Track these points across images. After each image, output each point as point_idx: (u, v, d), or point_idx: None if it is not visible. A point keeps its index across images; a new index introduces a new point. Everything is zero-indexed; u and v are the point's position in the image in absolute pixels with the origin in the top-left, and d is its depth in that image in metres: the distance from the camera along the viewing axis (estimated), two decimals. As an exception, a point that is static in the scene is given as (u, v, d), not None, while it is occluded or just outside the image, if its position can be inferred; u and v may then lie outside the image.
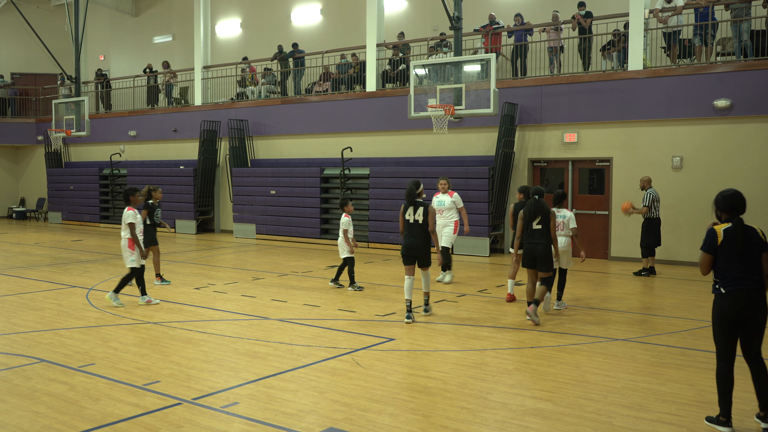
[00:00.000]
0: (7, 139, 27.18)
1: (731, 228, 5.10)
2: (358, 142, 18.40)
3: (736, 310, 5.02)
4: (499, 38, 17.06)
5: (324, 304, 9.95)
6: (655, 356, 7.16)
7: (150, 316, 9.09)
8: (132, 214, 9.55)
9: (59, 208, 25.45)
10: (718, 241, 5.09)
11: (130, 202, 9.65)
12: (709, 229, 5.18)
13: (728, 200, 5.22)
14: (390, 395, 5.86)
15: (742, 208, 5.19)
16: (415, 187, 8.81)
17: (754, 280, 5.04)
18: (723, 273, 5.11)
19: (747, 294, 5.01)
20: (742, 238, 5.05)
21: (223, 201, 21.47)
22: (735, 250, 5.04)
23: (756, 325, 5.05)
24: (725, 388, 5.04)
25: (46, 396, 5.81)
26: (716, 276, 5.17)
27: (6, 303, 10.01)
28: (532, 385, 6.15)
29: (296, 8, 22.60)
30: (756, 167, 13.36)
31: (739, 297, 5.01)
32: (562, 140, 15.48)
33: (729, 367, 5.07)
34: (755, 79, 13.35)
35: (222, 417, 5.34)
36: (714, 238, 5.12)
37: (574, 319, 9.00)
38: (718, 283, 5.14)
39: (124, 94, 25.29)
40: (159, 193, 11.53)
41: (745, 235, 5.06)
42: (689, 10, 14.63)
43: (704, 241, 5.19)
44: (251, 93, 21.32)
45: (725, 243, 5.08)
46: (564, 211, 9.48)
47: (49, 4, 27.86)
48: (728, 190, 5.31)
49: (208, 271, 13.40)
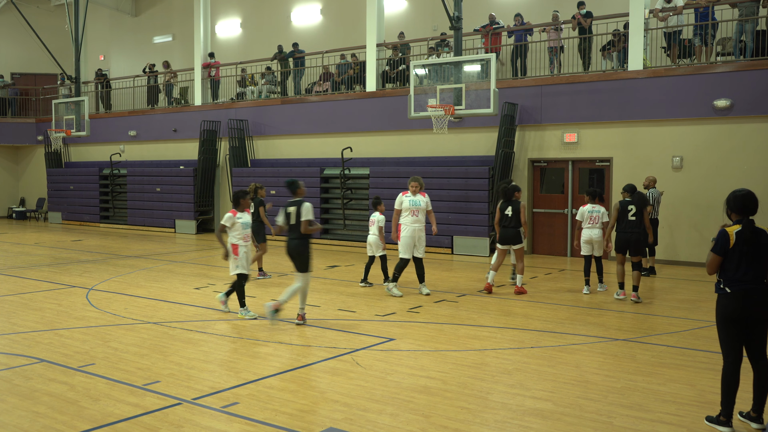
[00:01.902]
0: (7, 139, 27.18)
1: (742, 230, 5.05)
2: (358, 142, 18.40)
3: (740, 309, 4.99)
4: (499, 38, 17.06)
5: (324, 304, 9.95)
6: (655, 356, 7.15)
7: (150, 316, 9.08)
8: (229, 216, 8.84)
9: (59, 208, 25.45)
10: (730, 244, 5.02)
11: (239, 205, 8.93)
12: (722, 231, 5.07)
13: (740, 200, 5.10)
14: (390, 395, 5.86)
15: (754, 208, 5.09)
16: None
17: (759, 280, 5.02)
18: (729, 273, 5.06)
19: (752, 294, 4.99)
20: (752, 241, 5.01)
21: (223, 201, 21.47)
22: (744, 251, 5.01)
23: (760, 326, 5.03)
24: (730, 389, 5.02)
25: (46, 396, 5.81)
26: (721, 275, 5.13)
27: (6, 303, 10.01)
28: (532, 385, 6.15)
29: (296, 8, 22.60)
30: (756, 167, 13.36)
31: (744, 297, 4.99)
32: (562, 140, 15.49)
33: (736, 367, 5.04)
34: (755, 79, 13.35)
35: (222, 417, 5.34)
36: (726, 241, 5.04)
37: (574, 319, 9.00)
38: (722, 282, 5.10)
39: (124, 94, 25.30)
40: (264, 191, 11.43)
41: (755, 237, 5.02)
42: (689, 10, 14.63)
43: (716, 242, 5.09)
44: (251, 93, 21.32)
45: (736, 245, 5.03)
46: (599, 207, 10.75)
47: (49, 4, 27.86)
48: (741, 190, 5.17)
49: (208, 271, 13.40)
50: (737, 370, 5.03)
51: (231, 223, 8.86)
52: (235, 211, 8.96)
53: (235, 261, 8.88)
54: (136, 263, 14.33)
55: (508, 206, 10.55)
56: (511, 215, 10.50)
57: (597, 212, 10.67)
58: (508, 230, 10.55)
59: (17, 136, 27.30)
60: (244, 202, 8.97)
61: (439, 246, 16.12)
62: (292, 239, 8.31)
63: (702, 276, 12.73)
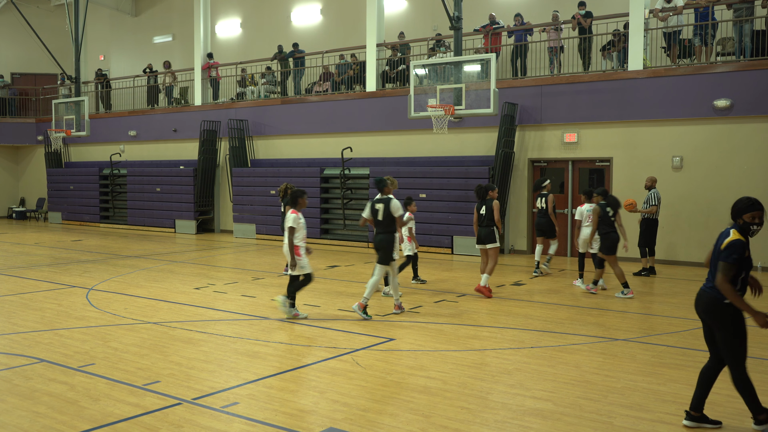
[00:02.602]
0: (7, 139, 27.18)
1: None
2: (358, 142, 18.40)
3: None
4: (499, 38, 17.06)
5: (324, 304, 9.95)
6: (655, 356, 7.16)
7: (150, 316, 9.09)
8: (294, 217, 8.70)
9: (59, 208, 25.45)
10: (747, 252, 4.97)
11: (297, 204, 8.82)
12: (740, 241, 4.92)
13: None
14: (390, 395, 5.86)
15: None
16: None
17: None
18: (741, 281, 5.00)
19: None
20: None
21: (223, 201, 21.48)
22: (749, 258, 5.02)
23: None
24: (753, 389, 5.00)
25: (46, 396, 5.81)
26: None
27: (6, 303, 10.01)
28: (532, 385, 6.15)
29: (296, 8, 22.60)
30: (756, 167, 13.37)
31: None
32: (562, 140, 15.48)
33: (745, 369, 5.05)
34: (755, 79, 13.35)
35: (222, 417, 5.34)
36: (744, 250, 4.94)
37: (574, 319, 9.00)
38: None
39: (124, 94, 25.30)
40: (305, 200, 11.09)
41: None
42: (689, 10, 14.63)
43: (734, 251, 4.90)
44: (251, 93, 21.32)
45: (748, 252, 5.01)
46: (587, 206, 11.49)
47: (49, 4, 27.86)
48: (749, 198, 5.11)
49: (208, 271, 13.40)
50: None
51: (298, 224, 8.73)
52: (295, 210, 8.78)
53: (299, 262, 8.72)
54: (136, 263, 14.34)
55: (482, 205, 10.47)
56: (485, 214, 10.41)
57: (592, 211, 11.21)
58: (482, 229, 10.45)
59: (17, 136, 27.30)
60: (302, 201, 8.84)
61: (439, 246, 16.13)
62: (379, 233, 9.01)
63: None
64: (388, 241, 8.92)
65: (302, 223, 8.81)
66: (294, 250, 8.68)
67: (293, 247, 8.68)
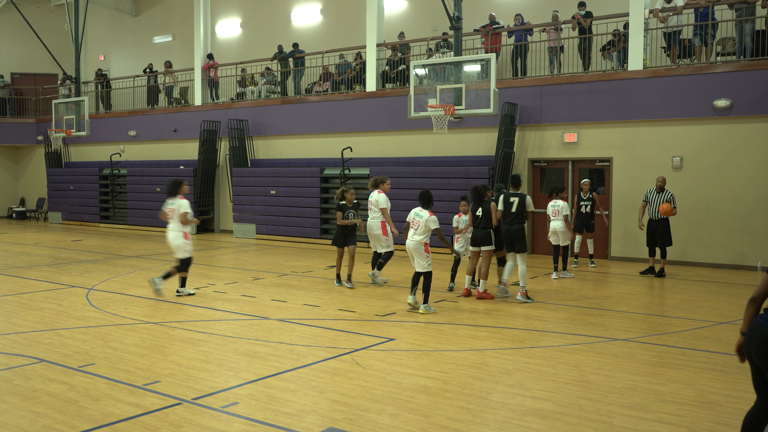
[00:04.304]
0: (7, 139, 27.18)
1: None
2: (358, 142, 18.40)
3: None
4: (499, 38, 17.06)
5: (324, 304, 9.95)
6: (655, 356, 7.15)
7: (150, 316, 9.09)
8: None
9: (59, 208, 25.45)
10: None
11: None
12: None
13: None
14: (390, 395, 5.86)
15: None
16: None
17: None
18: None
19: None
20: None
21: (223, 201, 21.47)
22: None
23: None
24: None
25: (46, 396, 5.81)
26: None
27: (6, 303, 10.01)
28: (532, 385, 6.15)
29: (296, 8, 22.60)
30: (756, 167, 13.36)
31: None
32: (562, 140, 15.48)
33: None
34: (755, 79, 13.35)
35: (222, 417, 5.34)
36: None
37: (574, 319, 9.00)
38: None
39: (124, 94, 25.30)
40: (352, 195, 11.14)
41: None
42: (689, 10, 14.63)
43: None
44: (251, 93, 21.32)
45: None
46: (559, 201, 12.18)
47: (49, 4, 27.85)
48: None
49: (208, 271, 13.40)
50: None
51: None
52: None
53: (427, 259, 9.32)
54: (136, 263, 14.34)
55: (478, 207, 10.31)
56: (481, 215, 10.25)
57: (557, 206, 12.16)
58: (477, 231, 10.28)
59: (17, 136, 27.30)
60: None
61: (439, 246, 16.10)
62: (512, 225, 10.22)
63: (702, 276, 12.75)
64: (522, 231, 10.21)
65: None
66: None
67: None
